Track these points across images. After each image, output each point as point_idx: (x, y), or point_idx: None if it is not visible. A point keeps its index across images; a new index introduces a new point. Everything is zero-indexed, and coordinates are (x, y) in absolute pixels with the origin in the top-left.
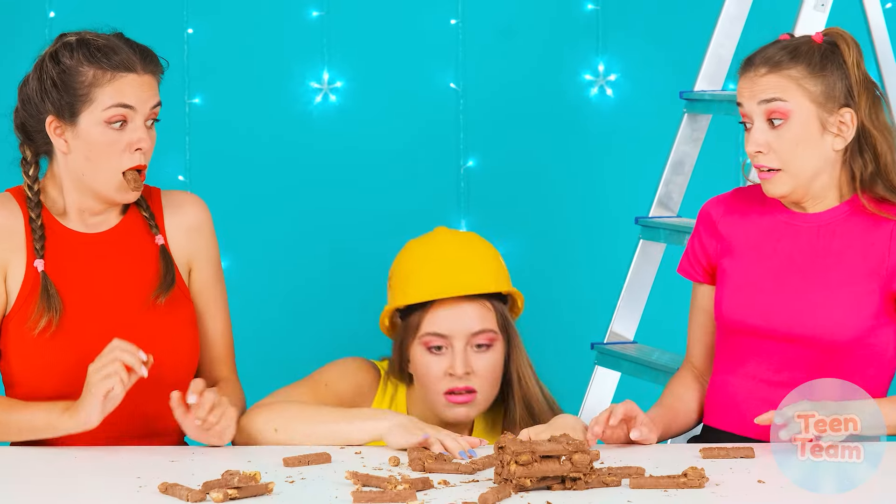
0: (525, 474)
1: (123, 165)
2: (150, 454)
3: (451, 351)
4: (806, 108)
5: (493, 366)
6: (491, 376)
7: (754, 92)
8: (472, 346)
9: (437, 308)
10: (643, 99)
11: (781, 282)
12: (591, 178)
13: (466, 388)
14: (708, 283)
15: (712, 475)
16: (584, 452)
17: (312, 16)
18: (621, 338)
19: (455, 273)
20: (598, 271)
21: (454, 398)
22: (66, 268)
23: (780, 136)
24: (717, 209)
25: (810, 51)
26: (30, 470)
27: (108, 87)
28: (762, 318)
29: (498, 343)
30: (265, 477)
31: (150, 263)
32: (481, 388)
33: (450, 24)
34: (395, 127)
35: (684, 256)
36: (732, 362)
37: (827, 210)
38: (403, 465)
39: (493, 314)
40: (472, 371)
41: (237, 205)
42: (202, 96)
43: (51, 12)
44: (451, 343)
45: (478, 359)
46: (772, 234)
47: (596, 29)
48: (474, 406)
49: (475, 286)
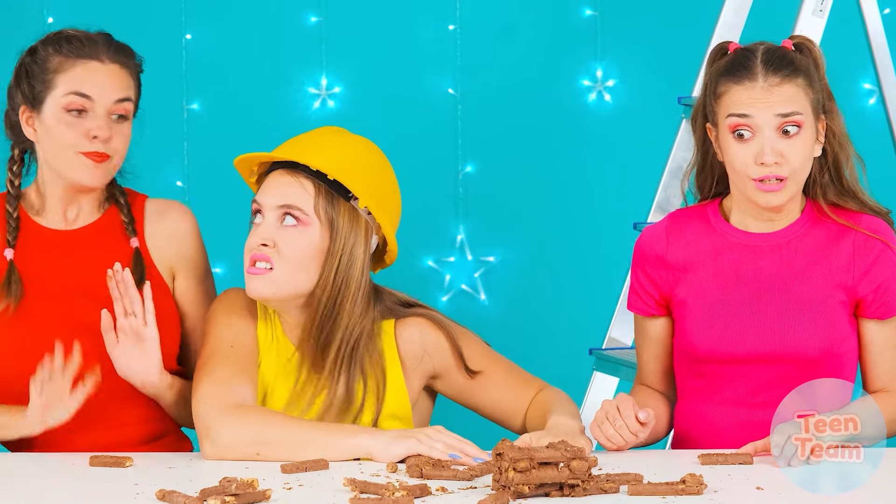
0: (523, 481)
1: (81, 148)
2: (147, 461)
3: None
4: (810, 117)
5: (307, 245)
6: (293, 257)
7: (770, 103)
8: (282, 220)
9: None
10: (641, 104)
11: (751, 307)
12: (590, 183)
13: (262, 256)
14: (662, 316)
15: (711, 482)
16: (582, 459)
17: (311, 21)
18: (620, 343)
19: (307, 142)
20: (596, 277)
21: (251, 269)
22: (38, 261)
23: (792, 146)
24: (658, 241)
25: (804, 61)
26: (26, 477)
27: (69, 73)
28: (736, 345)
29: (314, 225)
30: (263, 483)
31: (123, 262)
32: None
33: (448, 30)
34: (394, 132)
35: (632, 293)
36: (705, 391)
37: (786, 227)
38: (401, 472)
39: (312, 197)
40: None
41: (235, 211)
42: (200, 102)
43: (49, 18)
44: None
45: (282, 235)
46: (730, 257)
47: (594, 34)
48: (269, 281)
49: (308, 158)
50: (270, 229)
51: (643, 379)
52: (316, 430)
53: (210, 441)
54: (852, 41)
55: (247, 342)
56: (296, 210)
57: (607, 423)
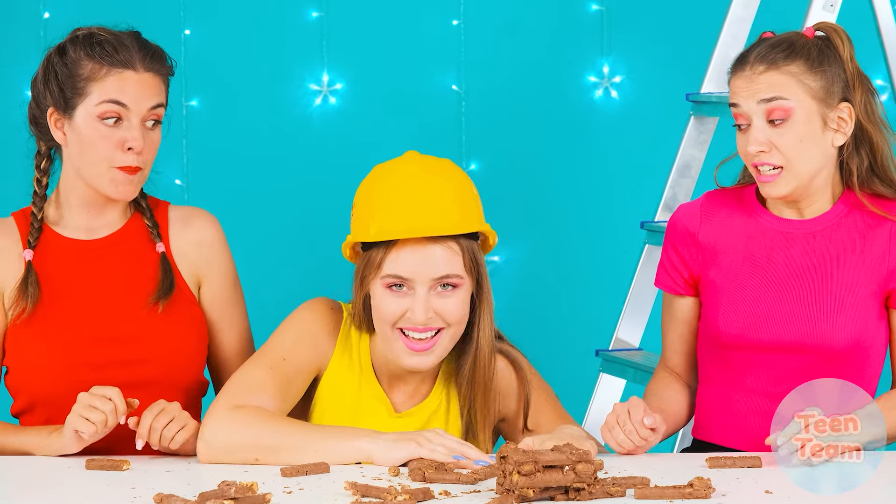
0: (528, 485)
1: (115, 162)
2: (145, 464)
3: (412, 294)
4: (807, 104)
5: (457, 309)
6: (454, 319)
7: (753, 90)
8: (436, 289)
9: (401, 248)
10: (649, 101)
11: (781, 294)
12: (596, 181)
13: (428, 328)
14: (690, 296)
15: (719, 485)
16: (587, 462)
17: (312, 16)
18: (626, 344)
19: (421, 211)
20: (602, 276)
21: (412, 345)
22: (59, 269)
23: (782, 134)
24: (692, 219)
25: (807, 46)
26: (23, 481)
27: (103, 82)
28: (763, 332)
29: (465, 285)
30: (262, 487)
31: (150, 269)
32: (444, 330)
33: (451, 25)
34: (396, 130)
35: (661, 269)
36: (728, 377)
37: (821, 215)
38: (403, 476)
39: (461, 256)
40: (434, 316)
41: (235, 209)
42: (200, 99)
43: (45, 13)
44: (414, 287)
45: (441, 302)
46: (762, 242)
47: (600, 30)
48: (432, 354)
49: (442, 227)
50: (428, 300)
51: (666, 360)
52: (315, 434)
53: (204, 442)
54: (863, 36)
55: (303, 365)
56: (453, 278)
57: (617, 427)
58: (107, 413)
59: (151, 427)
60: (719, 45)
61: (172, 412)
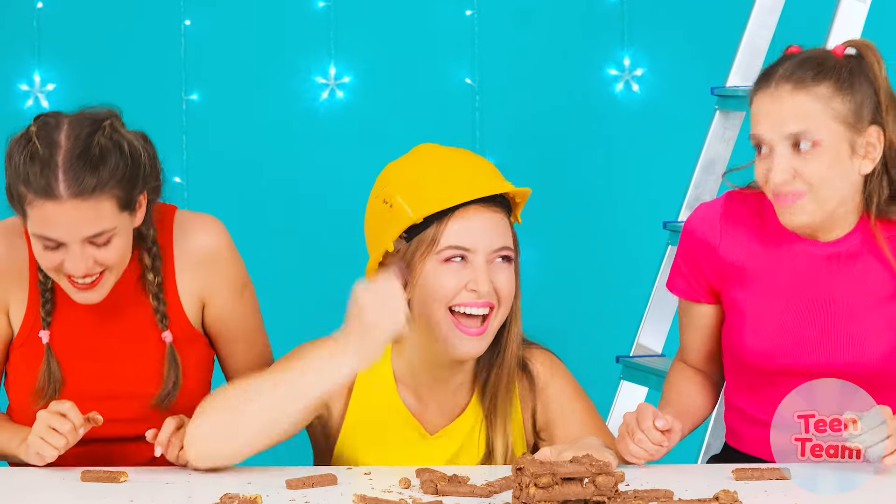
0: (545, 498)
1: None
2: (144, 475)
3: (470, 267)
4: (835, 131)
5: (511, 283)
6: (507, 293)
7: (780, 118)
8: (493, 261)
9: (459, 217)
10: (672, 95)
11: (807, 316)
12: (617, 179)
13: (486, 303)
14: (711, 304)
15: (745, 498)
16: (608, 475)
17: (318, 6)
18: (649, 351)
19: (468, 175)
20: (623, 279)
21: (466, 329)
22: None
23: (807, 162)
24: (711, 230)
25: (837, 65)
26: (19, 492)
27: (32, 208)
28: (791, 357)
29: (515, 262)
30: (267, 500)
31: (146, 322)
32: (493, 312)
33: (465, 16)
34: (407, 125)
35: (677, 274)
36: (754, 394)
37: (845, 235)
38: (415, 488)
39: (510, 231)
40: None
41: (238, 207)
42: (200, 93)
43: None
44: (472, 259)
45: (497, 276)
46: (785, 262)
47: (621, 20)
48: (485, 338)
49: (498, 185)
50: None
51: (685, 356)
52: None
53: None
54: None
55: None
56: (508, 250)
57: (627, 437)
58: (66, 434)
59: (170, 441)
60: (746, 36)
61: None
